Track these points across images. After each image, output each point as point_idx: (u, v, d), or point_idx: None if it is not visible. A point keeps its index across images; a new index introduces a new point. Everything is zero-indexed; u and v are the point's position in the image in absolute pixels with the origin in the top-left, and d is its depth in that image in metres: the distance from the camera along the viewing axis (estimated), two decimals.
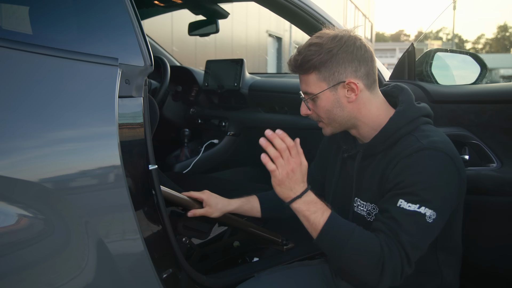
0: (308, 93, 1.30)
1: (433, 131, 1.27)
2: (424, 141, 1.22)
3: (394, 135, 1.27)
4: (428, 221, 1.16)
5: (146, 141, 1.29)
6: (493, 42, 68.22)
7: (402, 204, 1.17)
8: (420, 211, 1.16)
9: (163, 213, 1.36)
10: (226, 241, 2.04)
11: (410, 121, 1.27)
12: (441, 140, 1.24)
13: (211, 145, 2.79)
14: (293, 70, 1.32)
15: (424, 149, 1.20)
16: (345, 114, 1.30)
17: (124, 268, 1.23)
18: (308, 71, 1.27)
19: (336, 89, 1.28)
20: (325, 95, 1.28)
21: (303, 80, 1.30)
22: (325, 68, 1.26)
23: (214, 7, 2.51)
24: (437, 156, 1.20)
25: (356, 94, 1.28)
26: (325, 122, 1.33)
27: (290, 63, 1.31)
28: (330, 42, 1.25)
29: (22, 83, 1.08)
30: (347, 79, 1.26)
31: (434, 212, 1.17)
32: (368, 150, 1.33)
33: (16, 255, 1.03)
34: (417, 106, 1.31)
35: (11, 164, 1.03)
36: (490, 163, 1.61)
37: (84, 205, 1.13)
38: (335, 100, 1.29)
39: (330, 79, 1.27)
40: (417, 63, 1.91)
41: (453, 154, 1.23)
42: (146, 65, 1.27)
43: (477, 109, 1.65)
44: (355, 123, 1.32)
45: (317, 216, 1.19)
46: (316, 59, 1.25)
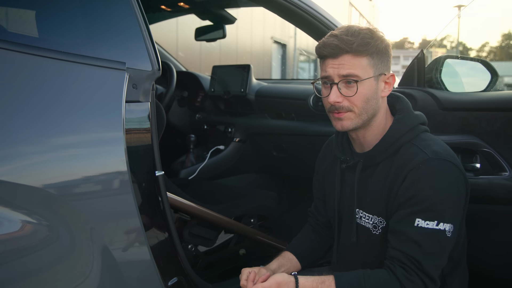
0: (352, 76, 1.22)
1: (433, 140, 1.26)
2: (427, 150, 1.21)
3: (395, 144, 1.26)
4: (448, 235, 1.16)
5: (153, 147, 1.28)
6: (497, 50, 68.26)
7: (420, 223, 1.15)
8: (440, 227, 1.15)
9: (169, 220, 1.34)
10: (232, 249, 2.01)
11: (410, 129, 1.26)
12: (442, 149, 1.23)
13: (217, 151, 2.77)
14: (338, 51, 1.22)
15: (430, 160, 1.19)
16: (376, 107, 1.27)
17: (129, 275, 1.21)
18: (361, 54, 1.22)
19: (378, 80, 1.26)
20: (370, 82, 1.24)
21: (349, 62, 1.22)
22: (377, 55, 1.24)
23: (221, 12, 2.50)
24: (443, 166, 1.19)
25: (390, 90, 1.29)
26: (357, 112, 1.25)
27: (336, 44, 1.21)
28: (378, 33, 1.26)
29: (28, 87, 1.06)
30: (388, 73, 1.28)
31: (451, 225, 1.16)
32: (368, 160, 1.30)
33: (20, 262, 1.01)
34: (415, 114, 1.31)
35: (15, 170, 1.01)
36: (502, 172, 1.58)
37: (89, 211, 1.12)
38: (375, 90, 1.25)
39: (378, 68, 1.25)
40: (426, 70, 1.89)
41: (456, 161, 1.23)
42: (154, 69, 1.26)
43: (489, 117, 1.63)
44: (371, 121, 1.28)
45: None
46: (373, 44, 1.22)
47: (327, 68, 1.25)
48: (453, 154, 1.25)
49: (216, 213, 1.80)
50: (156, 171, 1.29)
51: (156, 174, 1.29)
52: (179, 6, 2.44)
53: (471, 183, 1.61)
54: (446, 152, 1.22)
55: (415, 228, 1.16)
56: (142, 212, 1.22)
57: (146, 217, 1.25)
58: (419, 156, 1.20)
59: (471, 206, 1.65)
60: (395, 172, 1.23)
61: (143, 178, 1.26)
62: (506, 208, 1.57)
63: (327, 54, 1.24)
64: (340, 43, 1.21)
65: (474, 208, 1.66)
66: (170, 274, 1.35)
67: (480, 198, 1.61)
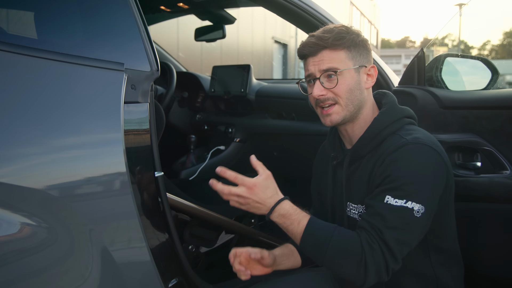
0: (332, 69, 1.28)
1: (417, 130, 1.30)
2: (408, 137, 1.24)
3: (379, 135, 1.29)
4: (416, 215, 1.17)
5: (152, 147, 1.27)
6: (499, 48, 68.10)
7: (389, 200, 1.18)
8: (407, 205, 1.17)
9: (169, 220, 1.34)
10: None
11: (394, 121, 1.30)
12: (425, 136, 1.26)
13: (218, 151, 2.77)
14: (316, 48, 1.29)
15: (408, 143, 1.22)
16: (361, 98, 1.32)
17: (129, 277, 1.20)
18: (337, 47, 1.29)
19: (359, 72, 1.32)
20: (350, 73, 1.30)
21: (328, 57, 1.29)
22: (354, 48, 1.31)
23: (221, 13, 2.50)
24: (421, 149, 1.22)
25: (373, 81, 1.34)
26: (342, 104, 1.30)
27: (313, 41, 1.30)
28: (355, 29, 1.33)
29: (26, 88, 1.06)
30: (369, 65, 1.34)
31: (422, 206, 1.17)
32: (355, 153, 1.34)
33: (19, 264, 1.01)
34: (400, 107, 1.35)
35: (14, 171, 1.01)
36: (503, 170, 1.57)
37: (88, 213, 1.11)
38: (357, 81, 1.31)
39: (357, 60, 1.31)
40: (426, 69, 1.88)
41: (439, 148, 1.25)
42: (153, 70, 1.26)
43: (490, 115, 1.62)
44: (358, 114, 1.33)
45: (294, 227, 1.24)
46: (348, 37, 1.29)
47: (309, 66, 1.32)
48: (437, 143, 1.27)
49: (216, 214, 1.80)
50: (156, 172, 1.29)
51: (155, 175, 1.29)
52: (179, 6, 2.44)
53: (472, 182, 1.61)
54: (428, 139, 1.25)
55: (383, 204, 1.19)
56: (142, 213, 1.21)
57: (145, 218, 1.25)
58: (399, 142, 1.24)
59: (472, 204, 1.65)
60: (377, 159, 1.27)
61: (143, 179, 1.26)
62: (507, 206, 1.57)
63: (307, 53, 1.32)
64: (317, 40, 1.29)
65: (475, 206, 1.65)
66: (170, 275, 1.35)
67: (481, 197, 1.60)
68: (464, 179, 1.62)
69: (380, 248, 1.16)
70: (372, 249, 1.16)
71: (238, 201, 1.24)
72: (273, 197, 1.24)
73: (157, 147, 1.30)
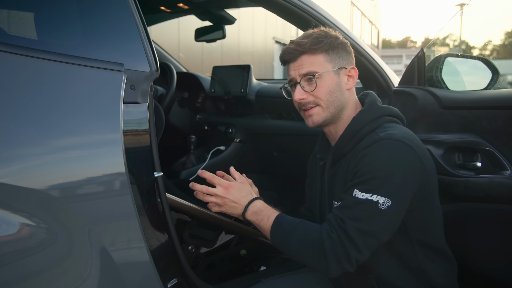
0: (311, 73, 1.33)
1: (396, 128, 1.32)
2: (382, 134, 1.28)
3: (358, 134, 1.32)
4: (381, 208, 1.19)
5: (152, 148, 1.27)
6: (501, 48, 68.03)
7: (357, 193, 1.22)
8: (372, 199, 1.20)
9: (169, 221, 1.34)
10: (233, 250, 2.01)
11: (373, 120, 1.33)
12: (400, 132, 1.28)
13: (218, 152, 2.77)
14: (295, 54, 1.35)
15: (380, 140, 1.26)
16: (342, 99, 1.36)
17: (128, 277, 1.20)
18: (315, 51, 1.33)
19: (339, 73, 1.36)
20: (330, 75, 1.34)
21: (307, 61, 1.34)
22: (332, 51, 1.35)
23: (221, 13, 2.50)
24: (392, 144, 1.24)
25: (354, 82, 1.38)
26: (323, 106, 1.35)
27: (292, 47, 1.35)
28: (333, 33, 1.38)
29: (25, 89, 1.06)
30: (349, 66, 1.38)
31: (389, 200, 1.19)
32: (336, 153, 1.38)
33: (18, 264, 1.00)
34: (380, 106, 1.38)
35: (13, 172, 1.01)
36: (503, 171, 1.57)
37: (87, 213, 1.11)
38: (337, 83, 1.35)
39: (336, 62, 1.35)
40: (427, 69, 1.88)
41: (414, 144, 1.26)
42: (152, 70, 1.25)
43: (490, 115, 1.62)
44: (341, 114, 1.38)
45: (264, 222, 1.33)
46: (326, 41, 1.34)
47: (290, 71, 1.38)
48: (413, 139, 1.28)
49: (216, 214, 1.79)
50: (155, 172, 1.29)
51: (155, 175, 1.29)
52: (179, 7, 2.43)
53: (472, 182, 1.61)
54: (403, 135, 1.27)
55: (351, 197, 1.23)
56: (141, 213, 1.21)
57: (145, 219, 1.25)
58: (372, 138, 1.28)
59: (473, 205, 1.65)
60: (353, 155, 1.31)
61: (142, 179, 1.25)
62: (507, 207, 1.56)
63: (287, 59, 1.38)
64: (296, 46, 1.35)
65: (475, 207, 1.65)
66: (169, 275, 1.34)
67: (481, 197, 1.60)
68: (464, 179, 1.62)
69: (339, 237, 1.20)
70: (330, 238, 1.21)
71: (216, 201, 1.36)
72: (247, 196, 1.36)
73: (157, 147, 1.30)
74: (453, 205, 1.69)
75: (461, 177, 1.62)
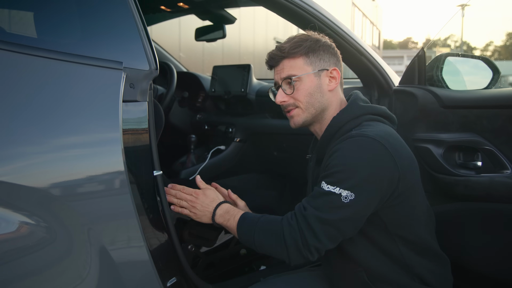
0: (290, 76, 1.37)
1: (374, 126, 1.32)
2: (356, 131, 1.29)
3: (338, 133, 1.34)
4: (344, 201, 1.21)
5: (151, 146, 1.27)
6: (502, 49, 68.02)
7: (323, 185, 1.25)
8: (335, 191, 1.22)
9: (168, 220, 1.33)
10: (233, 249, 2.01)
11: (353, 119, 1.35)
12: (375, 130, 1.28)
13: (218, 151, 2.77)
14: (277, 59, 1.40)
15: (352, 136, 1.27)
16: (323, 101, 1.39)
17: (127, 276, 1.20)
18: (295, 55, 1.37)
19: (320, 75, 1.39)
20: (309, 78, 1.38)
21: (287, 65, 1.38)
22: (312, 54, 1.38)
23: (221, 13, 2.50)
24: (362, 141, 1.25)
25: (336, 83, 1.41)
26: (302, 107, 1.39)
27: (274, 52, 1.40)
28: (315, 36, 1.41)
29: (25, 87, 1.06)
30: (330, 68, 1.40)
31: (352, 193, 1.21)
32: (319, 151, 1.40)
33: (17, 263, 1.00)
34: (361, 105, 1.39)
35: (13, 170, 1.01)
36: (504, 170, 1.57)
37: (87, 212, 1.11)
38: (318, 85, 1.38)
39: (316, 65, 1.38)
40: (427, 68, 1.88)
41: (386, 141, 1.26)
42: (151, 69, 1.25)
43: (491, 114, 1.61)
44: (324, 115, 1.41)
45: (231, 222, 1.37)
46: (305, 45, 1.37)
47: (274, 76, 1.44)
48: (387, 137, 1.28)
49: None
50: (155, 171, 1.28)
51: (154, 174, 1.29)
52: (179, 6, 2.43)
53: (473, 181, 1.60)
54: (376, 133, 1.27)
55: (318, 188, 1.26)
56: (140, 212, 1.21)
57: (144, 218, 1.25)
58: (345, 135, 1.30)
59: (473, 204, 1.64)
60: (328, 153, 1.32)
61: (141, 178, 1.25)
62: (507, 206, 1.56)
63: (271, 64, 1.44)
64: (276, 51, 1.40)
65: (476, 206, 1.65)
66: (169, 274, 1.34)
67: (481, 196, 1.59)
68: (465, 179, 1.61)
69: (298, 224, 1.24)
70: (290, 226, 1.25)
71: (187, 205, 1.42)
72: (214, 201, 1.43)
73: (156, 146, 1.30)
74: (454, 205, 1.69)
75: (462, 176, 1.62)
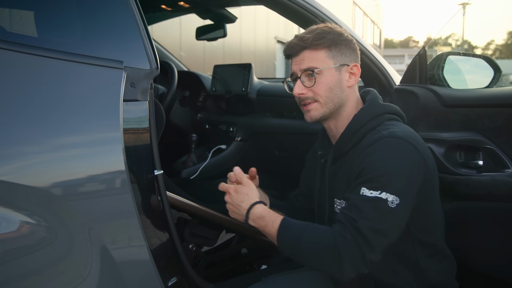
0: (312, 69, 1.33)
1: (397, 125, 1.31)
2: (385, 132, 1.27)
3: (360, 131, 1.32)
4: (391, 206, 1.18)
5: (152, 146, 1.27)
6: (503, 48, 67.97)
7: (365, 191, 1.20)
8: (381, 196, 1.18)
9: (169, 219, 1.33)
10: (234, 248, 2.00)
11: (374, 117, 1.33)
12: (403, 131, 1.28)
13: (219, 150, 2.77)
14: (297, 48, 1.34)
15: (384, 137, 1.25)
16: (342, 96, 1.35)
17: (128, 276, 1.20)
18: (317, 47, 1.32)
19: (340, 70, 1.35)
20: (330, 72, 1.33)
21: (308, 56, 1.34)
22: (335, 47, 1.34)
23: (222, 12, 2.50)
24: (396, 142, 1.24)
25: (356, 79, 1.38)
26: (321, 102, 1.35)
27: (295, 42, 1.35)
28: (338, 29, 1.37)
29: (26, 86, 1.06)
30: (351, 63, 1.37)
31: (397, 197, 1.18)
32: (337, 150, 1.37)
33: (18, 262, 1.00)
34: (381, 104, 1.38)
35: (14, 170, 1.01)
36: (505, 169, 1.56)
37: (87, 212, 1.11)
38: (338, 80, 1.34)
39: (338, 59, 1.34)
40: (428, 67, 1.87)
41: (416, 142, 1.26)
42: (152, 68, 1.25)
43: (492, 113, 1.61)
44: (341, 111, 1.37)
45: (269, 228, 1.28)
46: (328, 37, 1.33)
47: (292, 66, 1.38)
48: (415, 137, 1.28)
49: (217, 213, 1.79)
50: (155, 170, 1.28)
51: (155, 173, 1.28)
52: (179, 5, 2.44)
53: (474, 180, 1.60)
54: (406, 134, 1.27)
55: (359, 195, 1.21)
56: (141, 211, 1.21)
57: (145, 217, 1.24)
58: (375, 136, 1.27)
59: (474, 203, 1.64)
60: (356, 154, 1.30)
61: (142, 178, 1.25)
62: (509, 205, 1.55)
63: (290, 53, 1.38)
64: (298, 41, 1.34)
65: (477, 205, 1.64)
66: (170, 274, 1.34)
67: (483, 196, 1.59)
68: (466, 178, 1.61)
69: (353, 237, 1.16)
70: (344, 238, 1.17)
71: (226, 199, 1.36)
72: (245, 201, 1.33)
73: (157, 145, 1.29)
74: (455, 204, 1.69)
75: (463, 175, 1.61)
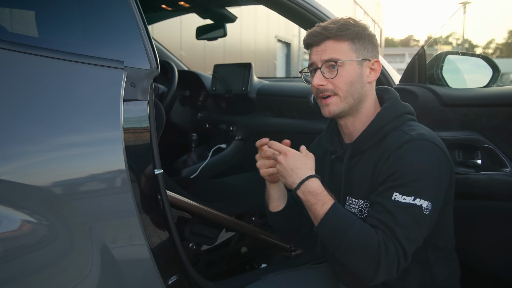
0: (334, 60, 1.27)
1: (420, 126, 1.29)
2: (413, 133, 1.23)
3: (382, 130, 1.28)
4: (425, 212, 1.16)
5: (152, 145, 1.27)
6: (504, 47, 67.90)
7: (397, 197, 1.17)
8: (416, 203, 1.15)
9: (169, 218, 1.34)
10: (234, 247, 2.01)
11: (397, 117, 1.30)
12: (428, 133, 1.26)
13: (219, 150, 2.78)
14: (319, 37, 1.29)
15: (414, 139, 1.21)
16: (362, 92, 1.31)
17: (128, 274, 1.21)
18: (341, 38, 1.28)
19: (362, 65, 1.30)
20: (352, 65, 1.29)
21: (330, 47, 1.28)
22: (358, 41, 1.29)
23: (222, 11, 2.50)
24: (426, 146, 1.21)
25: (376, 76, 1.33)
26: (341, 96, 1.29)
27: (317, 31, 1.29)
28: (361, 23, 1.32)
29: (27, 86, 1.07)
30: (373, 59, 1.32)
31: (430, 203, 1.17)
32: (357, 147, 1.33)
33: (19, 261, 1.01)
34: (403, 103, 1.35)
35: (15, 169, 1.02)
36: (503, 168, 1.57)
37: (88, 211, 1.12)
38: (359, 75, 1.30)
39: (360, 53, 1.30)
40: (427, 66, 1.88)
41: (442, 145, 1.25)
42: (152, 68, 1.26)
43: (490, 113, 1.62)
44: (359, 107, 1.32)
45: (317, 207, 1.21)
46: (353, 29, 1.28)
47: (312, 56, 1.32)
48: (439, 140, 1.27)
49: (217, 212, 1.80)
50: (156, 170, 1.29)
51: (155, 172, 1.29)
52: (180, 5, 2.44)
53: (472, 179, 1.61)
54: (432, 136, 1.25)
55: (392, 201, 1.17)
56: (141, 210, 1.22)
57: (145, 216, 1.25)
58: (404, 137, 1.23)
59: (472, 202, 1.65)
60: (380, 154, 1.26)
61: (142, 177, 1.26)
62: (507, 204, 1.56)
63: (311, 42, 1.32)
64: (322, 30, 1.29)
65: (475, 204, 1.65)
66: (170, 272, 1.35)
67: (481, 194, 1.60)
68: (465, 177, 1.61)
69: (395, 247, 1.14)
70: (387, 248, 1.14)
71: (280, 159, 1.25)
72: (304, 169, 1.24)
73: (157, 145, 1.30)
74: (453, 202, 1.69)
75: (461, 174, 1.62)
